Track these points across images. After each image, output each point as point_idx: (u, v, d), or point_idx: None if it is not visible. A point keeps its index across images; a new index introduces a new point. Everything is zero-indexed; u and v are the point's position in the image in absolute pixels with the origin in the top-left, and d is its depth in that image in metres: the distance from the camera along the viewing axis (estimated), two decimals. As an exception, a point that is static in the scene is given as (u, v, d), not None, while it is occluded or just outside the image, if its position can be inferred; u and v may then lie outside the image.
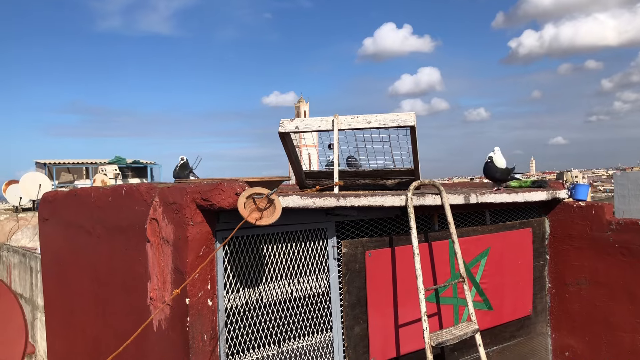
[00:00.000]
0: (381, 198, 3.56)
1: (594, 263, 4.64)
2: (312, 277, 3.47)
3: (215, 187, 2.82)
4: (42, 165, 23.06)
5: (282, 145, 4.61)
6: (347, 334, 3.59)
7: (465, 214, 4.40)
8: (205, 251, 2.94)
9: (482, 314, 4.27)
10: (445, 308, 4.09)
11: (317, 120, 4.50)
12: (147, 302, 3.22)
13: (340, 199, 3.35)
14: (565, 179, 49.58)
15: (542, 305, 4.91)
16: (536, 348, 4.88)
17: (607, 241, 4.54)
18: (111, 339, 3.70)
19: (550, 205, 4.92)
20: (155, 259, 3.15)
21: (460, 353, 4.25)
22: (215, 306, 2.99)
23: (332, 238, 3.57)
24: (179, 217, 2.94)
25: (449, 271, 4.10)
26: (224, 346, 3.06)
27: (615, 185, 18.13)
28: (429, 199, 3.83)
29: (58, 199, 4.56)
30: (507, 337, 4.62)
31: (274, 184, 3.27)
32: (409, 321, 3.85)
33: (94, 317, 3.95)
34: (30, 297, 9.37)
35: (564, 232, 4.84)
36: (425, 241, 4.01)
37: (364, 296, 3.67)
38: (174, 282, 2.99)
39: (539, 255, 4.88)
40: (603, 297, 4.59)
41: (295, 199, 3.10)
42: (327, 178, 4.73)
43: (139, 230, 3.26)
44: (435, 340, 3.49)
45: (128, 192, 3.44)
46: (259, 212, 2.80)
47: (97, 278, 3.89)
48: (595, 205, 4.68)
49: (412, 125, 4.21)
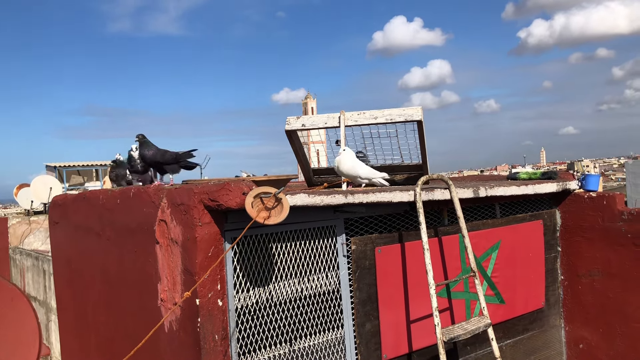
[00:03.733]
0: (389, 194, 3.54)
1: (606, 254, 4.59)
2: (322, 274, 3.47)
3: (223, 187, 2.82)
4: (52, 168, 23.23)
5: (289, 143, 4.60)
6: (359, 331, 3.58)
7: (475, 207, 4.37)
8: (214, 251, 2.94)
9: (494, 307, 4.24)
10: (457, 303, 4.07)
11: (323, 117, 4.48)
12: (158, 303, 3.23)
13: (348, 195, 3.33)
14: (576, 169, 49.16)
15: (554, 297, 4.87)
16: (550, 341, 4.84)
17: (619, 232, 4.49)
18: (123, 340, 3.72)
19: (561, 197, 4.87)
20: (165, 260, 3.16)
21: (473, 348, 4.22)
22: (225, 306, 2.99)
23: (341, 235, 3.56)
24: (187, 218, 2.94)
25: (459, 265, 4.08)
26: (236, 346, 3.06)
27: (627, 174, 17.91)
28: (438, 193, 3.81)
29: (68, 203, 4.58)
30: (520, 331, 4.59)
31: (282, 182, 3.26)
32: (421, 317, 3.83)
33: (106, 319, 3.97)
34: (44, 299, 9.46)
35: (575, 224, 4.80)
36: (435, 236, 3.99)
37: (374, 293, 3.66)
38: (184, 283, 3.00)
39: (551, 247, 4.84)
40: (616, 288, 4.54)
41: (302, 197, 3.09)
42: (336, 175, 4.71)
43: (147, 231, 3.27)
44: (447, 335, 3.47)
45: (136, 194, 3.45)
46: (266, 211, 2.79)
47: (107, 280, 3.90)
48: (607, 195, 4.63)
49: (419, 120, 4.18)
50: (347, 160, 4.01)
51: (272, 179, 3.25)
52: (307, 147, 5.10)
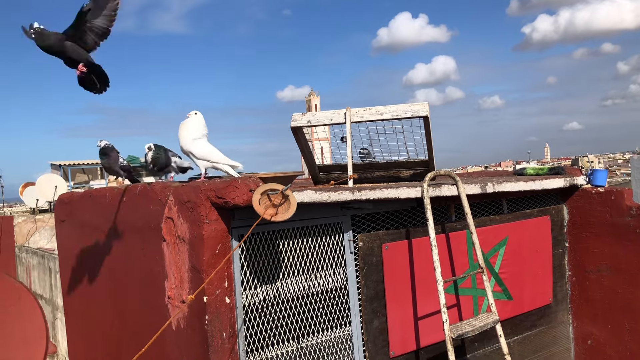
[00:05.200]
0: (396, 190, 3.52)
1: (614, 249, 4.56)
2: (329, 271, 3.45)
3: (230, 185, 2.80)
4: (57, 166, 23.27)
5: (295, 139, 4.59)
6: (366, 327, 3.57)
7: (482, 203, 4.34)
8: (222, 249, 2.93)
9: (502, 304, 4.22)
10: (465, 299, 4.05)
11: (329, 114, 4.47)
12: (165, 301, 3.23)
13: (355, 192, 3.32)
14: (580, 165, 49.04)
15: (562, 293, 4.85)
16: (558, 337, 4.82)
17: (627, 227, 4.45)
18: (130, 337, 3.72)
19: (568, 192, 4.84)
20: (172, 258, 3.15)
21: (481, 344, 4.21)
22: (233, 304, 2.98)
23: (348, 232, 3.54)
24: (194, 216, 2.93)
25: (467, 262, 4.06)
26: (243, 343, 3.05)
27: (632, 169, 17.90)
28: (445, 189, 3.79)
29: (74, 201, 4.58)
30: (528, 327, 4.57)
31: (288, 179, 3.24)
32: (428, 313, 3.81)
33: (113, 317, 3.97)
34: (50, 297, 9.49)
35: (583, 219, 4.76)
36: (442, 232, 3.97)
37: (382, 289, 3.64)
38: (191, 280, 2.99)
39: (558, 243, 4.81)
40: (625, 284, 4.51)
41: (309, 193, 3.08)
42: (341, 171, 4.70)
43: (154, 229, 3.26)
44: (456, 332, 3.45)
45: (142, 192, 3.44)
46: (274, 208, 2.78)
47: (114, 278, 3.90)
48: (615, 190, 4.60)
49: (426, 116, 4.16)
50: (188, 129, 3.03)
51: (279, 176, 3.24)
52: (311, 144, 5.09)
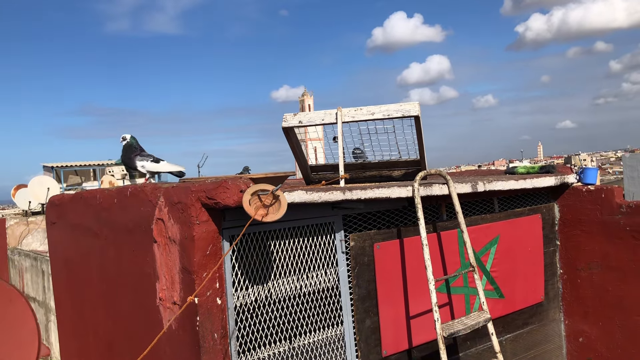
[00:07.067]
0: (387, 189, 3.53)
1: (605, 247, 4.59)
2: (320, 271, 3.46)
3: (220, 185, 2.80)
4: (49, 168, 23.17)
5: (287, 140, 4.58)
6: (358, 327, 3.57)
7: (473, 202, 4.36)
8: (212, 250, 2.93)
9: (493, 302, 4.24)
10: (456, 298, 4.07)
11: (320, 114, 4.47)
12: (157, 302, 3.22)
13: (346, 192, 3.32)
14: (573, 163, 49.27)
15: (554, 291, 4.87)
16: (549, 335, 4.85)
17: (617, 225, 4.49)
18: (122, 339, 3.71)
19: (559, 191, 4.87)
20: (163, 259, 3.14)
21: (473, 342, 4.22)
22: (224, 304, 2.98)
23: (340, 232, 3.54)
24: (184, 217, 2.92)
25: (458, 261, 4.07)
26: (235, 344, 3.05)
27: (624, 167, 17.98)
28: (436, 188, 3.80)
29: (65, 203, 4.56)
30: (519, 325, 4.59)
31: (279, 179, 3.25)
32: (420, 312, 3.83)
33: (105, 319, 3.96)
34: (43, 300, 9.45)
35: (573, 217, 4.79)
36: (434, 231, 3.98)
37: (373, 289, 3.65)
38: (182, 281, 2.98)
39: (549, 241, 4.84)
40: (615, 281, 4.54)
41: (300, 194, 3.08)
42: (333, 171, 4.70)
43: (145, 230, 3.25)
44: (447, 330, 3.47)
45: (133, 193, 3.43)
46: (264, 208, 2.78)
47: (106, 280, 3.89)
48: (605, 188, 4.62)
49: (417, 115, 4.17)
50: None
51: (270, 176, 3.24)
52: (304, 144, 5.09)
